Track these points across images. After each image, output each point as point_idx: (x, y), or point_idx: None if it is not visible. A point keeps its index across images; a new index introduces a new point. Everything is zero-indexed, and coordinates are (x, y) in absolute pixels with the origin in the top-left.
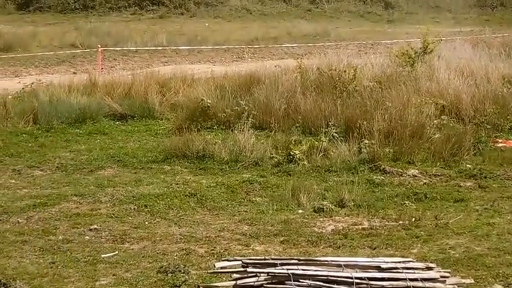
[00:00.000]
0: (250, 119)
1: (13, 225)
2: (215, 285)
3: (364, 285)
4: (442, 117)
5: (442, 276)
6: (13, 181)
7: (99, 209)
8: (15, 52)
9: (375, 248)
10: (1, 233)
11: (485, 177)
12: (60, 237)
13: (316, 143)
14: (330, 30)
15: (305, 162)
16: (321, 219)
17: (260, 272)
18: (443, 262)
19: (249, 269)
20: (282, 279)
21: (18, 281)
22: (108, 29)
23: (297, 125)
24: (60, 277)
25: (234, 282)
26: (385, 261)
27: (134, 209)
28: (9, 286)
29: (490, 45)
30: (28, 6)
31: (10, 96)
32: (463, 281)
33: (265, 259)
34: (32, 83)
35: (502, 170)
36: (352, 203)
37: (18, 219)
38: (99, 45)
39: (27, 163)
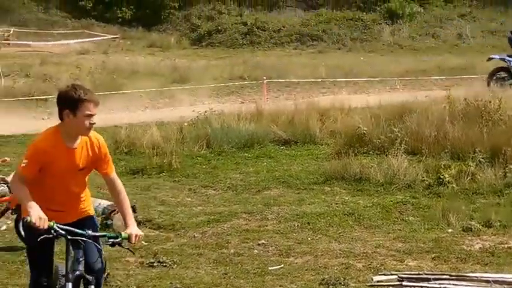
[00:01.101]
0: (402, 145)
1: (190, 239)
2: None
3: None
4: None
5: None
6: (189, 199)
7: (266, 226)
8: (190, 83)
9: None
10: (179, 246)
11: None
12: (232, 251)
13: (464, 167)
14: (475, 63)
15: (454, 185)
16: (469, 238)
17: (414, 286)
18: None
19: (404, 283)
20: None
21: None
22: (273, 63)
23: (446, 150)
24: (232, 287)
25: None
26: None
27: (298, 226)
28: None
29: None
30: (201, 42)
31: (186, 123)
32: None
33: (419, 274)
34: (205, 111)
35: None
36: (499, 224)
37: (194, 234)
38: (265, 77)
39: (201, 183)
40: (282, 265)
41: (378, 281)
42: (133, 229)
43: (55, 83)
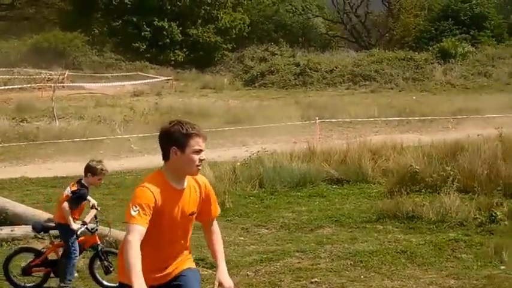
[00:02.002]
0: (455, 183)
1: (243, 278)
2: None
3: None
4: None
5: None
6: (242, 238)
7: (319, 264)
8: (243, 124)
9: None
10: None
11: None
12: None
13: None
14: None
15: (506, 223)
16: None
17: None
18: None
19: None
20: None
21: None
22: (325, 102)
23: (498, 188)
24: None
25: None
26: None
27: (351, 264)
28: None
29: None
30: (254, 83)
31: (238, 163)
32: None
33: None
34: (258, 151)
35: None
36: None
37: (248, 273)
38: (317, 117)
39: (254, 222)
40: None
41: None
42: (224, 277)
43: (109, 124)
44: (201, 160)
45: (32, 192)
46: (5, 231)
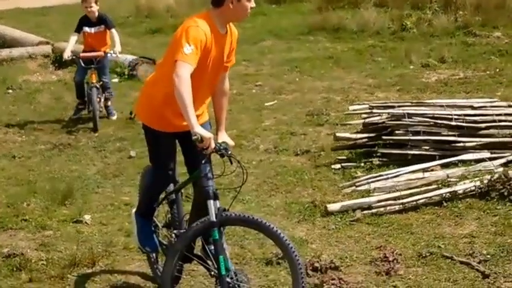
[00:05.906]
0: None
1: None
2: (349, 123)
3: (461, 120)
4: None
5: None
6: None
7: (262, 70)
8: None
9: (468, 92)
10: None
11: None
12: (235, 91)
13: (423, 15)
14: None
15: (414, 30)
16: (427, 72)
17: (382, 112)
18: None
19: (374, 111)
20: (399, 117)
21: None
22: None
23: (408, 2)
24: (235, 120)
25: (363, 120)
26: (476, 102)
27: (288, 69)
28: None
29: None
30: None
31: None
32: None
33: (386, 103)
34: None
35: None
36: (451, 59)
37: None
38: None
39: None
40: (276, 101)
41: (353, 110)
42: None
43: None
44: (251, 8)
45: (25, 20)
46: (5, 53)
